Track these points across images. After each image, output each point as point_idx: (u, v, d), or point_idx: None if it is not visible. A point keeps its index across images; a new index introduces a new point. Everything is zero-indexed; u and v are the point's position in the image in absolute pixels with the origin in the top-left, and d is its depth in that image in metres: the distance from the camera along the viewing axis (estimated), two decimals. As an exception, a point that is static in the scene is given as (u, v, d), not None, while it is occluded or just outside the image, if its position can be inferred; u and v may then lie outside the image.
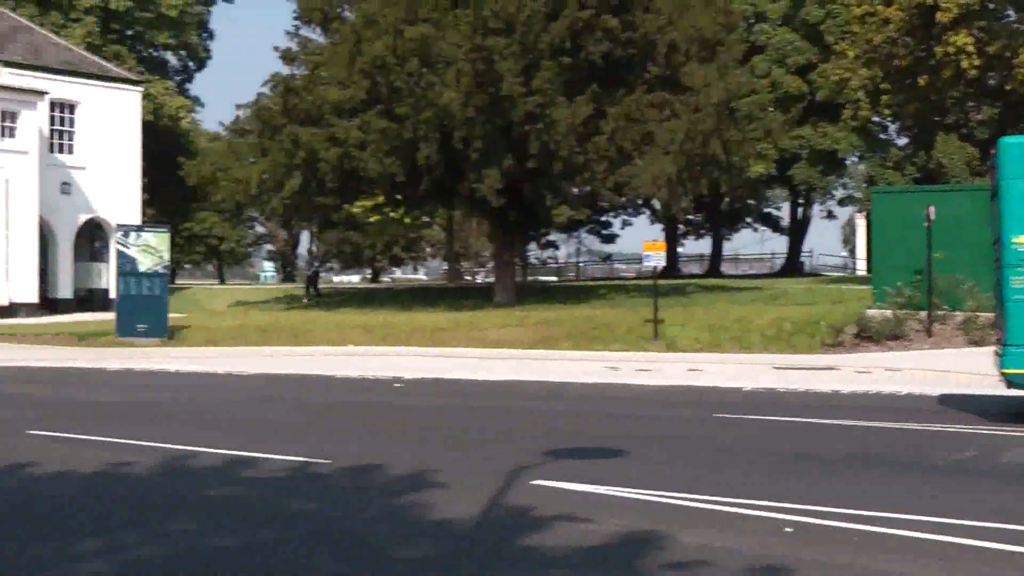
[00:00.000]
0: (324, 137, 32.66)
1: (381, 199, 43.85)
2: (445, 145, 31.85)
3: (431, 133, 31.55)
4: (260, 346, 25.44)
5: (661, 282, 28.30)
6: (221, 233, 74.06)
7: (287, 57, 38.44)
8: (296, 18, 38.79)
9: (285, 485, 10.49)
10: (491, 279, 49.18)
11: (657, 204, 56.11)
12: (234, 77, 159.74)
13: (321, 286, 49.26)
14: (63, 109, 41.78)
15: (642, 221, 77.24)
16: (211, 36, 63.29)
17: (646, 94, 33.18)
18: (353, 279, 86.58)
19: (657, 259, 25.91)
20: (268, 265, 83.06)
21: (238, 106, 38.99)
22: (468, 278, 73.57)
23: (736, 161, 35.95)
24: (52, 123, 41.34)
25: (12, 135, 38.26)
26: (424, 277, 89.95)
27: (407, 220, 56.51)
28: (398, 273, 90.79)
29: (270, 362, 22.36)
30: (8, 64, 39.90)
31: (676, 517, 8.50)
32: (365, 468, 11.06)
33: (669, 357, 22.44)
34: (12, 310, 37.13)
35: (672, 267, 56.93)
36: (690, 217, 63.16)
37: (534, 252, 76.07)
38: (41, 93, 39.42)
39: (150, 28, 57.00)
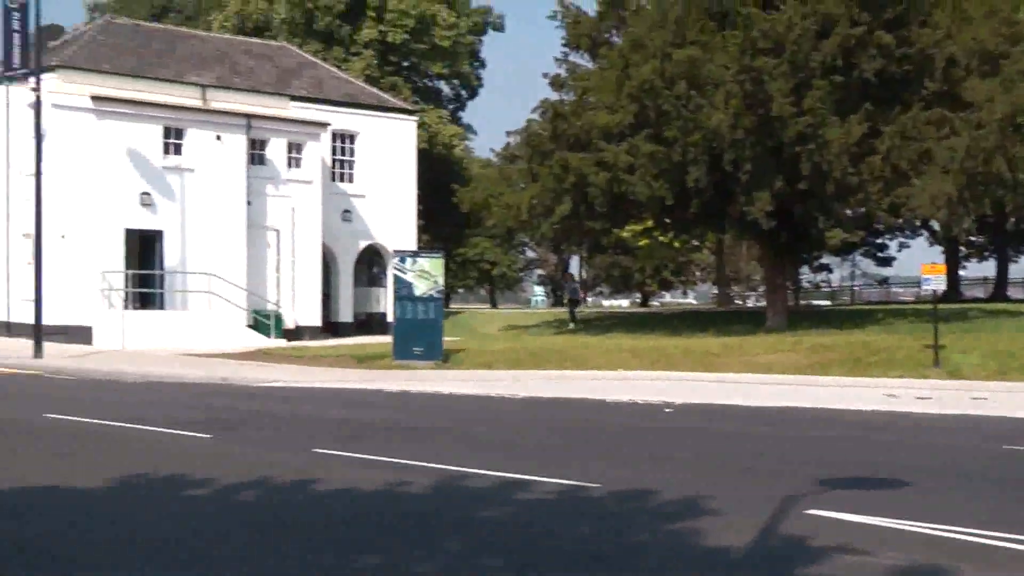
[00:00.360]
0: (593, 162, 32.88)
1: (650, 223, 43.81)
2: (714, 167, 31.56)
3: (700, 156, 31.32)
4: (532, 369, 25.76)
5: (941, 306, 27.13)
6: (493, 258, 75.59)
7: (556, 83, 38.94)
8: (564, 45, 39.27)
9: (556, 508, 10.54)
10: (762, 303, 48.32)
11: (936, 225, 53.89)
12: (504, 104, 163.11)
13: (590, 310, 49.55)
14: (344, 139, 43.62)
15: (920, 243, 74.22)
16: (482, 65, 64.94)
17: (923, 111, 31.97)
18: (622, 303, 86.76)
19: (937, 282, 24.87)
20: (539, 289, 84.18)
21: (508, 133, 39.78)
22: (738, 302, 72.61)
23: (1023, 179, 34.14)
24: (334, 153, 43.20)
25: (298, 165, 40.20)
26: (694, 301, 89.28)
27: (676, 244, 56.28)
28: (667, 297, 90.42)
29: (542, 385, 22.60)
30: (294, 98, 41.98)
31: (962, 553, 8.08)
32: (636, 493, 11.00)
33: (951, 385, 21.47)
34: (298, 333, 38.93)
35: (953, 290, 54.51)
36: (972, 238, 60.36)
37: (806, 275, 74.40)
38: (324, 125, 41.26)
39: (425, 59, 58.89)
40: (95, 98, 35.29)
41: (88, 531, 9.52)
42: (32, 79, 31.13)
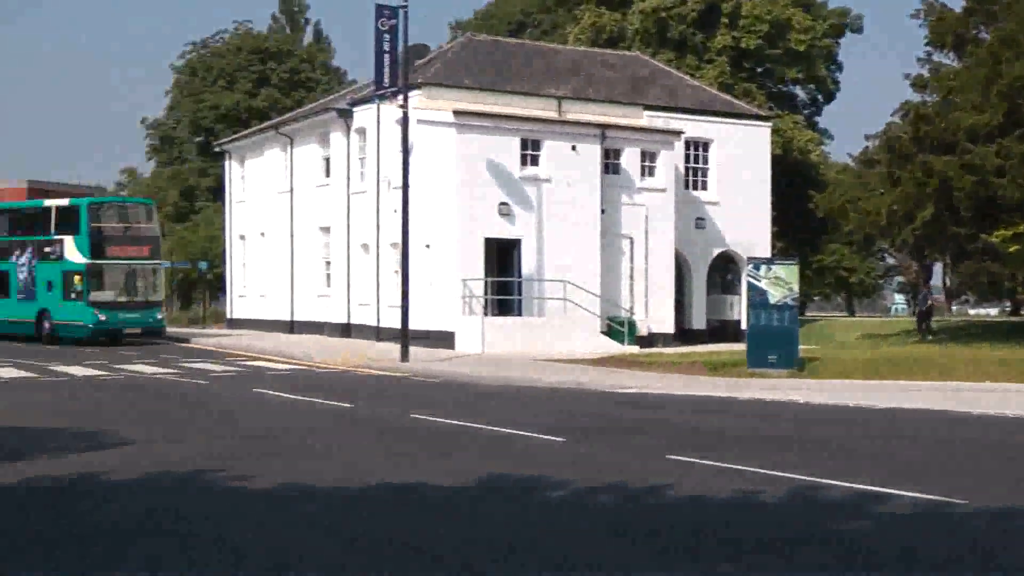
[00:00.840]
0: (958, 164, 31.43)
1: (1022, 227, 41.38)
2: (1094, 168, 29.53)
3: (1078, 155, 29.40)
4: (891, 379, 24.89)
5: None
6: (850, 265, 73.50)
7: (918, 84, 37.49)
8: (927, 44, 37.78)
9: (918, 523, 10.15)
10: None
11: None
12: (862, 108, 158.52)
13: (955, 319, 47.27)
14: (697, 147, 43.57)
15: None
16: (839, 68, 63.30)
17: None
18: (990, 312, 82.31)
19: None
20: (899, 297, 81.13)
21: (867, 136, 38.75)
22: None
23: None
24: (687, 161, 43.23)
25: (651, 174, 40.49)
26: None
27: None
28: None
29: (902, 396, 21.81)
30: (648, 107, 42.33)
31: None
32: (1008, 511, 10.44)
33: None
34: (651, 339, 39.20)
35: None
36: None
37: None
38: (678, 133, 41.39)
39: (779, 64, 58.05)
40: (457, 113, 36.84)
41: (448, 529, 9.94)
42: (400, 97, 32.87)
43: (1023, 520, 10.13)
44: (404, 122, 32.14)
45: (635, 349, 36.19)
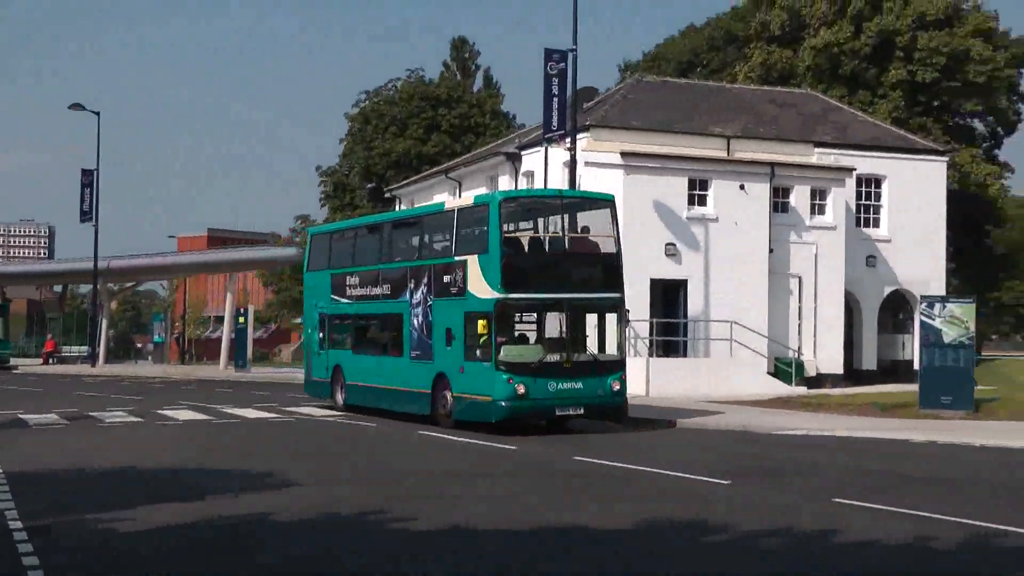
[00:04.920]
0: None
1: None
2: None
3: None
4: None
5: None
6: (1032, 302, 70.80)
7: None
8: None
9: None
10: None
11: None
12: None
13: None
14: (869, 183, 42.63)
15: None
16: (1021, 99, 61.26)
17: None
18: None
19: None
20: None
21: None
22: None
23: None
24: (858, 198, 42.31)
25: (821, 212, 39.80)
26: None
27: None
28: None
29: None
30: (818, 144, 41.65)
31: None
32: None
33: None
34: (819, 380, 38.40)
35: None
36: None
37: None
38: (849, 170, 40.59)
39: (957, 97, 56.53)
40: (624, 154, 36.90)
41: (608, 572, 9.93)
42: (567, 139, 33.11)
43: None
44: (572, 164, 32.36)
45: (802, 390, 35.52)
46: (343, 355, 29.32)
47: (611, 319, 23.98)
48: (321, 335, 30.50)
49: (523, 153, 42.71)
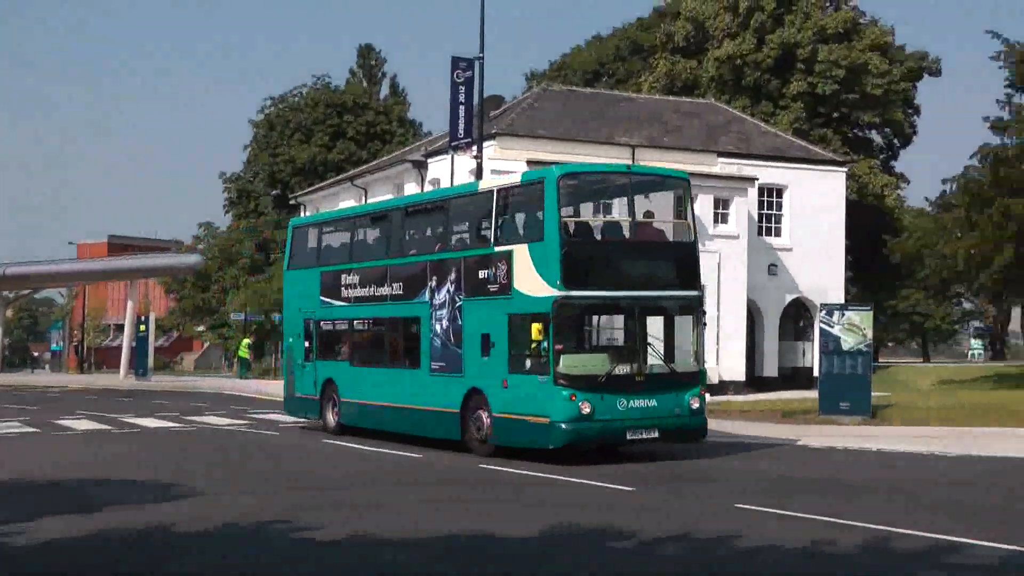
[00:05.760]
0: (1038, 208, 30.92)
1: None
2: None
3: None
4: (968, 427, 24.42)
5: None
6: (925, 310, 72.42)
7: (997, 127, 37.02)
8: (1008, 86, 37.33)
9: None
10: None
11: None
12: (939, 151, 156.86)
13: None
14: (771, 194, 43.27)
15: None
16: (916, 112, 62.67)
17: None
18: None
19: None
20: (975, 343, 79.82)
21: (944, 180, 38.20)
22: None
23: None
24: (760, 207, 42.97)
25: (724, 221, 40.30)
26: None
27: None
28: None
29: (980, 443, 21.39)
30: (721, 154, 42.20)
31: None
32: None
33: None
34: (722, 387, 38.89)
35: None
36: None
37: None
38: (751, 180, 41.18)
39: (855, 109, 57.62)
40: (530, 162, 36.99)
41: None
42: (474, 147, 33.16)
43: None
44: (478, 172, 32.41)
45: (705, 397, 35.86)
46: (337, 367, 24.81)
47: (687, 322, 19.99)
48: (307, 344, 25.82)
49: (429, 161, 42.68)
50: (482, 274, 19.93)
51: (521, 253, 19.12)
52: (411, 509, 13.93)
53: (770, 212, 43.32)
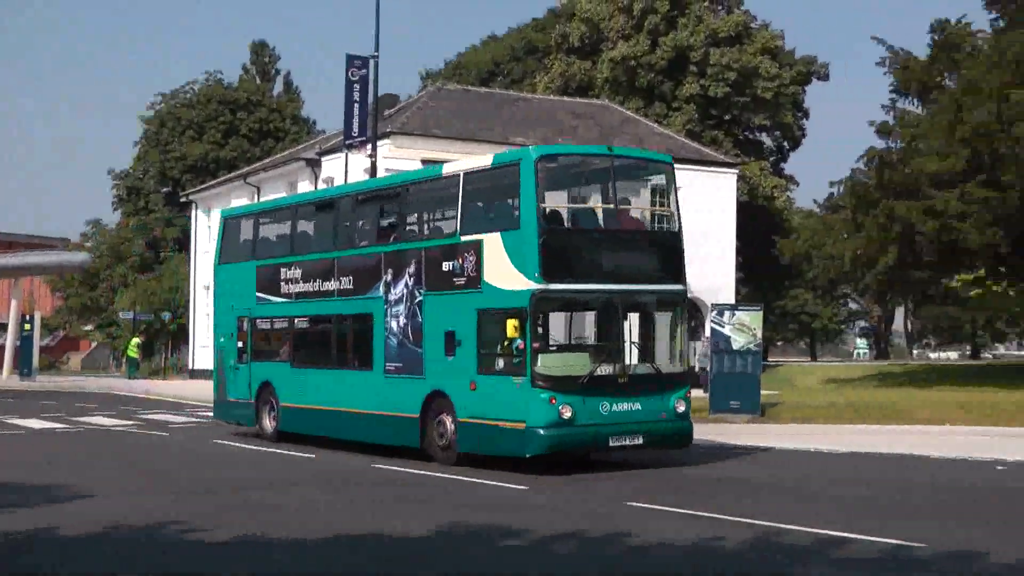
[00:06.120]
0: (921, 209, 31.71)
1: (983, 272, 41.81)
2: (1057, 213, 29.72)
3: (1041, 201, 29.57)
4: (852, 424, 24.98)
5: None
6: (813, 310, 73.87)
7: (883, 130, 37.88)
8: (893, 91, 38.22)
9: (877, 568, 10.17)
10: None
11: None
12: (828, 154, 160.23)
13: (917, 362, 47.63)
14: (663, 194, 43.76)
15: None
16: (805, 115, 63.85)
17: None
18: (951, 356, 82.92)
19: None
20: (861, 342, 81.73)
21: (832, 183, 39.03)
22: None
23: None
24: (653, 207, 43.36)
25: (618, 220, 40.70)
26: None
27: (1011, 293, 53.31)
28: (1001, 349, 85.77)
29: (863, 440, 21.87)
30: (614, 154, 42.58)
31: None
32: (965, 555, 10.49)
33: None
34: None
35: None
36: None
37: None
38: (644, 181, 41.59)
39: (746, 111, 58.54)
40: (424, 161, 36.87)
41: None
42: (368, 146, 32.99)
43: (982, 563, 10.16)
44: (372, 172, 32.25)
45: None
46: (275, 369, 22.98)
47: (672, 318, 18.47)
48: (241, 344, 23.89)
49: (324, 159, 42.38)
50: (446, 266, 18.34)
51: (492, 243, 17.52)
52: (304, 509, 13.81)
53: (663, 212, 43.70)
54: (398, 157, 37.03)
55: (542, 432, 16.71)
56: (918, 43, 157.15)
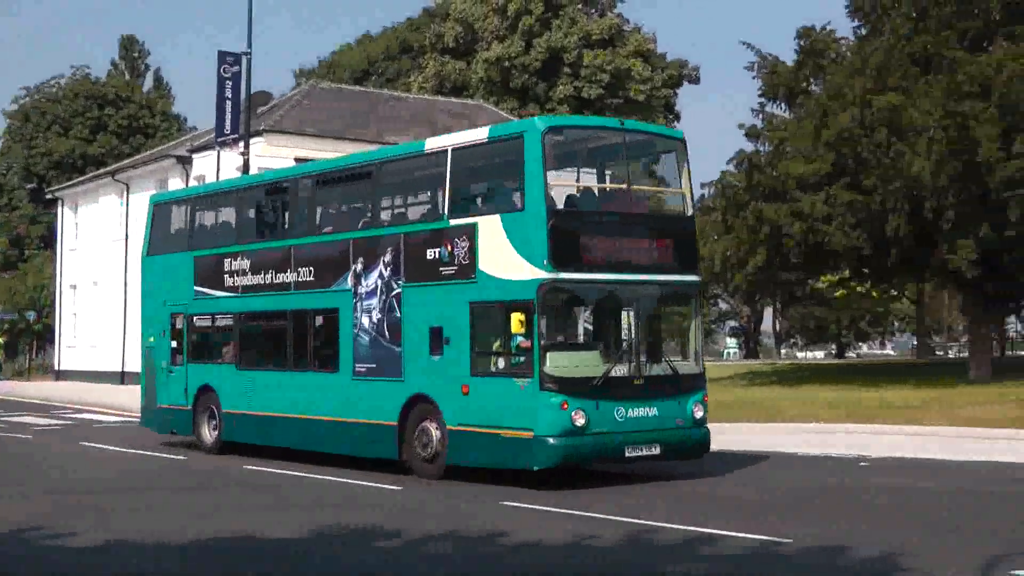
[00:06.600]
0: (788, 212, 32.34)
1: (847, 273, 42.91)
2: (915, 216, 30.63)
3: (900, 204, 30.44)
4: (721, 423, 25.35)
5: None
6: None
7: (751, 134, 38.54)
8: (761, 95, 38.89)
9: (746, 564, 10.36)
10: (964, 354, 46.64)
11: None
12: (699, 156, 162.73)
13: (785, 361, 48.73)
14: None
15: None
16: (677, 118, 64.87)
17: None
18: (818, 355, 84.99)
19: None
20: (731, 341, 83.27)
21: (702, 185, 39.52)
22: (940, 353, 70.17)
23: None
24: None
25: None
26: (892, 352, 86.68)
27: (874, 294, 54.88)
28: (864, 349, 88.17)
29: (733, 438, 22.22)
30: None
31: None
32: (829, 549, 10.74)
33: None
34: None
35: None
36: None
37: (1014, 326, 71.45)
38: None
39: (619, 113, 59.22)
40: (298, 160, 36.59)
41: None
42: (241, 144, 32.56)
43: (846, 557, 10.42)
44: (245, 169, 31.83)
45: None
46: (217, 372, 20.75)
47: (688, 312, 16.87)
48: (175, 344, 21.55)
49: (195, 156, 41.70)
50: (431, 254, 16.26)
51: (489, 227, 15.53)
52: (172, 512, 13.57)
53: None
54: (271, 156, 36.62)
55: (552, 441, 14.72)
56: (786, 48, 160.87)
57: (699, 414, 16.24)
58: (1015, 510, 13.22)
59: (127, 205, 46.16)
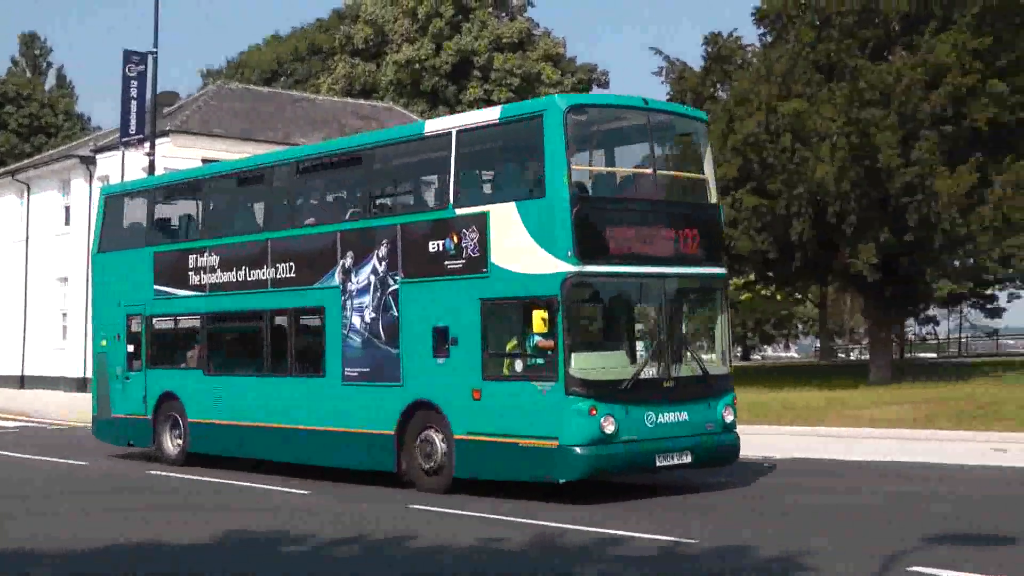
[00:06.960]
0: (695, 216, 32.77)
1: (752, 276, 43.55)
2: (818, 220, 31.20)
3: (804, 208, 30.99)
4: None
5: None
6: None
7: (659, 138, 38.93)
8: (669, 100, 39.29)
9: (654, 565, 10.46)
10: (866, 356, 47.54)
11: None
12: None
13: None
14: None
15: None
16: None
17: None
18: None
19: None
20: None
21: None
22: (842, 355, 71.51)
23: None
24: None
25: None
26: (796, 355, 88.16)
27: (779, 297, 55.73)
28: (769, 351, 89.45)
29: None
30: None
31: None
32: (734, 549, 10.88)
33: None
34: None
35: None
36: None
37: (912, 328, 73.06)
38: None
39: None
40: (205, 161, 36.18)
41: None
42: (147, 144, 32.10)
43: (750, 557, 10.57)
44: (151, 170, 31.37)
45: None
46: (182, 378, 19.10)
47: (715, 308, 15.52)
48: (132, 348, 19.85)
49: (99, 156, 41.03)
50: (434, 246, 14.85)
51: (503, 216, 14.18)
52: (74, 519, 13.32)
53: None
54: (177, 156, 36.16)
55: (580, 451, 13.46)
56: (695, 55, 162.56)
57: (729, 418, 15.02)
58: (916, 508, 13.51)
59: (28, 206, 45.25)
